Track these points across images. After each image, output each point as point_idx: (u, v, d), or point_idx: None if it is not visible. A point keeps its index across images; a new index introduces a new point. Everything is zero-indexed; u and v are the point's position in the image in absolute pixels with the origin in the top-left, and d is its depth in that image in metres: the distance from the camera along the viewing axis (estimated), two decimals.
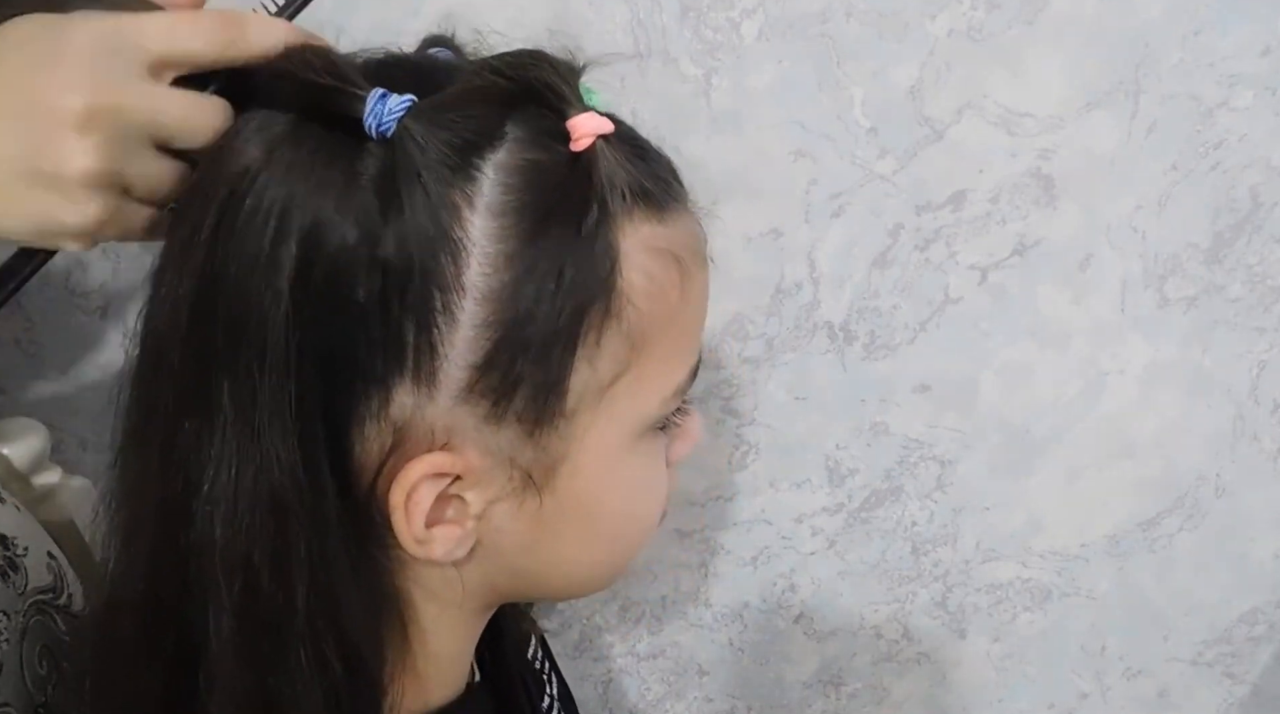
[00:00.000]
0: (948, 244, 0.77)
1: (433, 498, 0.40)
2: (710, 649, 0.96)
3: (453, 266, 0.37)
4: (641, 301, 0.40)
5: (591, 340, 0.39)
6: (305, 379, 0.37)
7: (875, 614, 0.94)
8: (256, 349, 0.37)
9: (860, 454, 0.86)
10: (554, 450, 0.41)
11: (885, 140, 0.73)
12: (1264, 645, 0.98)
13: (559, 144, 0.39)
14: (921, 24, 0.69)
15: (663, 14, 0.67)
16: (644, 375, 0.41)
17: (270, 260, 0.36)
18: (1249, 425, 0.87)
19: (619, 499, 0.44)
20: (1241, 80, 0.73)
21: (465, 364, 0.38)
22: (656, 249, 0.41)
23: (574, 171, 0.39)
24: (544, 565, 0.45)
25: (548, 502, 0.42)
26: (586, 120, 0.39)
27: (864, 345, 0.81)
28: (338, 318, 0.37)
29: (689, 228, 0.43)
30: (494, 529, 0.42)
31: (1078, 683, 1.00)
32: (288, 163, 0.37)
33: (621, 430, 0.42)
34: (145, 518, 0.40)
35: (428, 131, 0.37)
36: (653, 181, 0.41)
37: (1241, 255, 0.79)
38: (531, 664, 0.61)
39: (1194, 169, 0.76)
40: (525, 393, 0.39)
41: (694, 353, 0.45)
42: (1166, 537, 0.92)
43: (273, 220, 0.36)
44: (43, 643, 0.51)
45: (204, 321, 0.38)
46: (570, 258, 0.38)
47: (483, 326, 0.38)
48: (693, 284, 0.43)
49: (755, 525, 0.89)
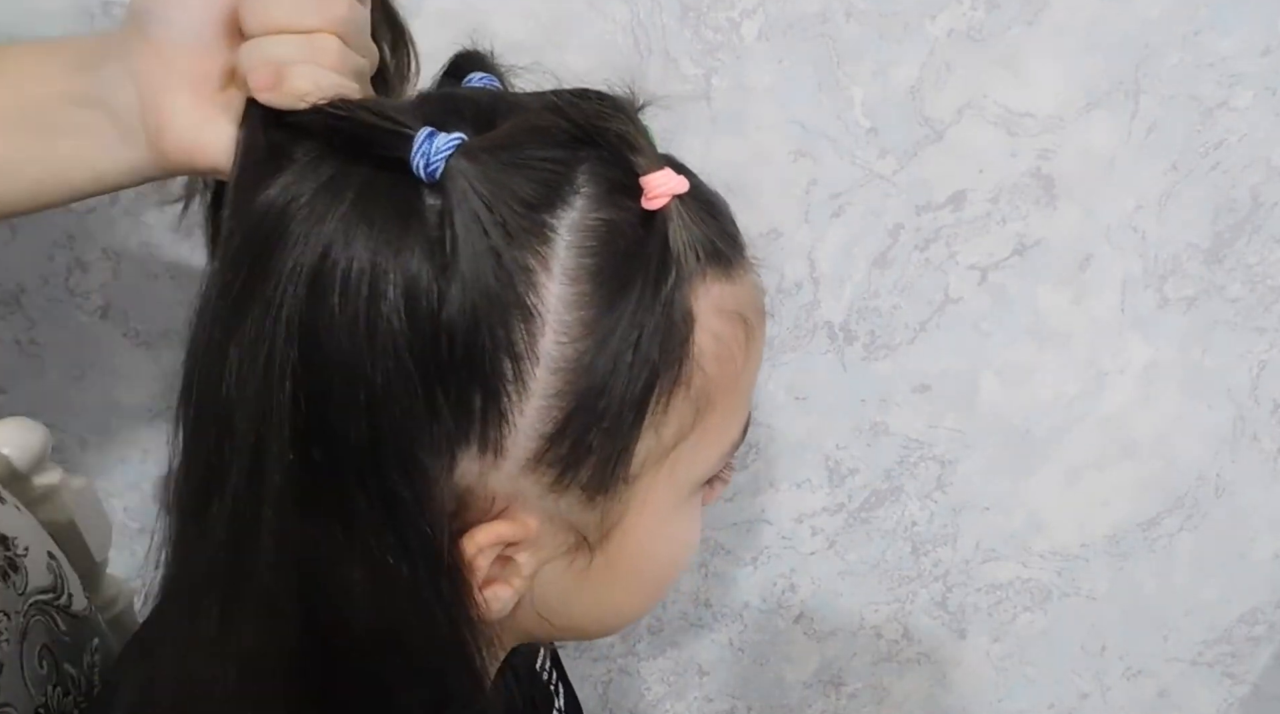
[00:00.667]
0: (948, 244, 0.77)
1: (490, 563, 0.39)
2: (710, 649, 0.96)
3: (526, 335, 0.35)
4: (710, 365, 0.39)
5: (660, 407, 0.38)
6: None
7: (875, 614, 0.94)
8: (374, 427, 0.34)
9: (860, 454, 0.86)
10: (613, 514, 0.40)
11: (885, 140, 0.73)
12: (1264, 645, 0.99)
13: (630, 201, 0.37)
14: (921, 24, 0.69)
15: (663, 14, 0.67)
16: (705, 437, 0.40)
17: (372, 326, 0.33)
18: (1249, 425, 0.87)
19: (666, 553, 0.43)
20: (1241, 80, 0.73)
21: (535, 434, 0.37)
22: (725, 310, 0.39)
23: (649, 233, 0.36)
24: (584, 614, 0.44)
25: (598, 559, 0.41)
26: (663, 179, 0.36)
27: (864, 345, 0.81)
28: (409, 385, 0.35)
29: (753, 283, 0.42)
30: (540, 584, 0.41)
31: (1078, 683, 1.00)
32: (350, 213, 0.34)
33: (678, 490, 0.41)
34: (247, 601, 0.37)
35: (488, 177, 0.34)
36: (722, 239, 0.40)
37: (1241, 255, 0.79)
38: (539, 677, 0.61)
39: (1194, 169, 0.76)
40: (592, 462, 0.38)
41: (748, 408, 0.44)
42: (1166, 537, 0.92)
43: (364, 286, 0.33)
44: (43, 643, 0.51)
45: (316, 404, 0.34)
46: (648, 325, 0.36)
47: (555, 396, 0.36)
48: (755, 343, 0.42)
49: (755, 525, 0.89)
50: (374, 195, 0.34)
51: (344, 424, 0.34)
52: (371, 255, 0.33)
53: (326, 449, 0.35)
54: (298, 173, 0.35)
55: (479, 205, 0.34)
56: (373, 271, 0.33)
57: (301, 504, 0.36)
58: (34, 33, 0.63)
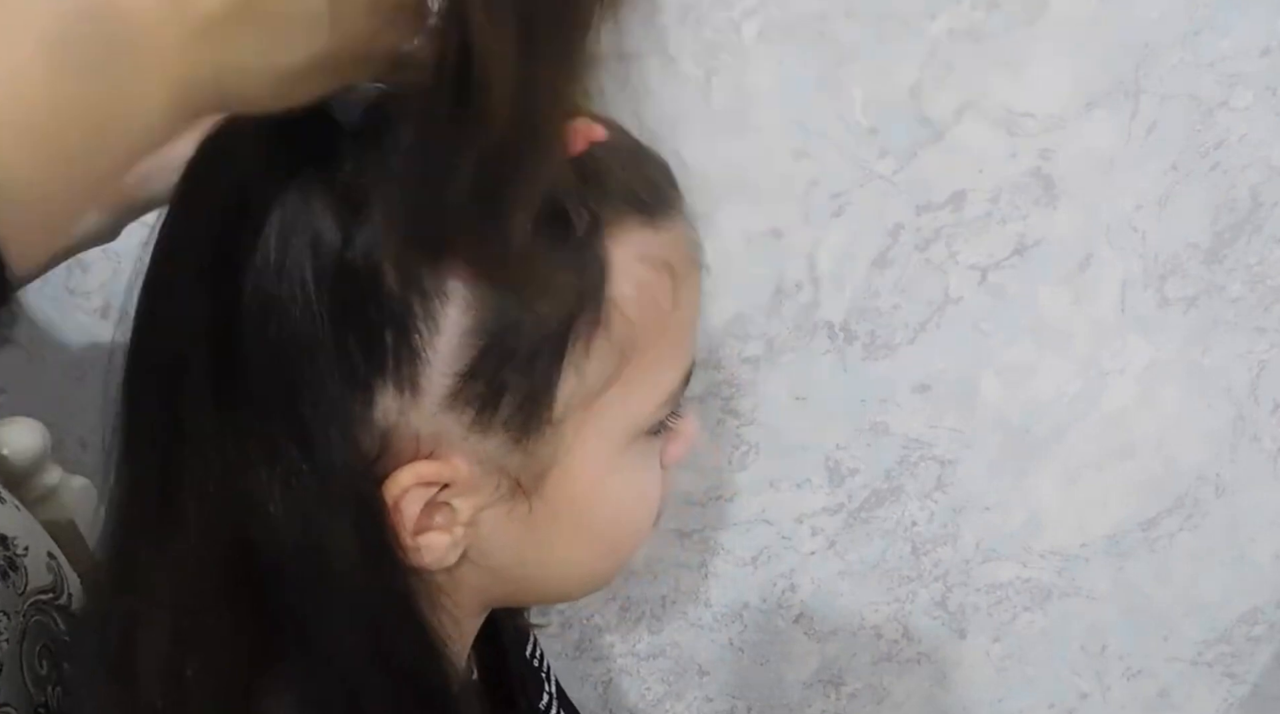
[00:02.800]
0: (948, 244, 0.77)
1: (420, 506, 0.39)
2: (710, 649, 0.96)
3: (434, 274, 0.36)
4: (631, 311, 0.39)
5: (579, 349, 0.38)
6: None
7: (875, 614, 0.94)
8: (307, 362, 0.36)
9: (860, 454, 0.86)
10: (542, 457, 0.40)
11: (885, 140, 0.73)
12: (1264, 645, 0.98)
13: None
14: (921, 24, 0.69)
15: (663, 14, 0.67)
16: (634, 383, 0.41)
17: (280, 261, 0.35)
18: (1249, 425, 0.87)
19: (610, 504, 0.44)
20: (1241, 80, 0.73)
21: (449, 371, 0.37)
22: (648, 257, 0.40)
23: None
24: (537, 569, 0.44)
25: (538, 507, 0.41)
26: (578, 126, 0.38)
27: (864, 345, 0.81)
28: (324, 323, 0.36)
29: (682, 234, 0.42)
30: (484, 535, 0.42)
31: (1078, 683, 1.00)
32: (270, 162, 0.36)
33: (612, 437, 0.42)
34: (188, 529, 0.39)
35: (405, 125, 0.35)
36: (646, 188, 0.40)
37: (1241, 255, 0.79)
38: (530, 662, 0.61)
39: (1194, 169, 0.76)
40: (511, 401, 0.38)
41: (687, 358, 0.44)
42: (1166, 537, 0.92)
43: (277, 219, 0.35)
44: (43, 643, 0.51)
45: (252, 344, 0.36)
46: (559, 267, 0.37)
47: (466, 333, 0.37)
48: (684, 291, 0.42)
49: (755, 525, 0.89)
50: (296, 136, 0.35)
51: (256, 356, 0.36)
52: (285, 191, 0.35)
53: (242, 382, 0.36)
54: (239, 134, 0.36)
55: (390, 147, 0.35)
56: (286, 207, 0.35)
57: (221, 436, 0.37)
58: None
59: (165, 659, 0.39)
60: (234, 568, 0.38)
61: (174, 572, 0.39)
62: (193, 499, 0.38)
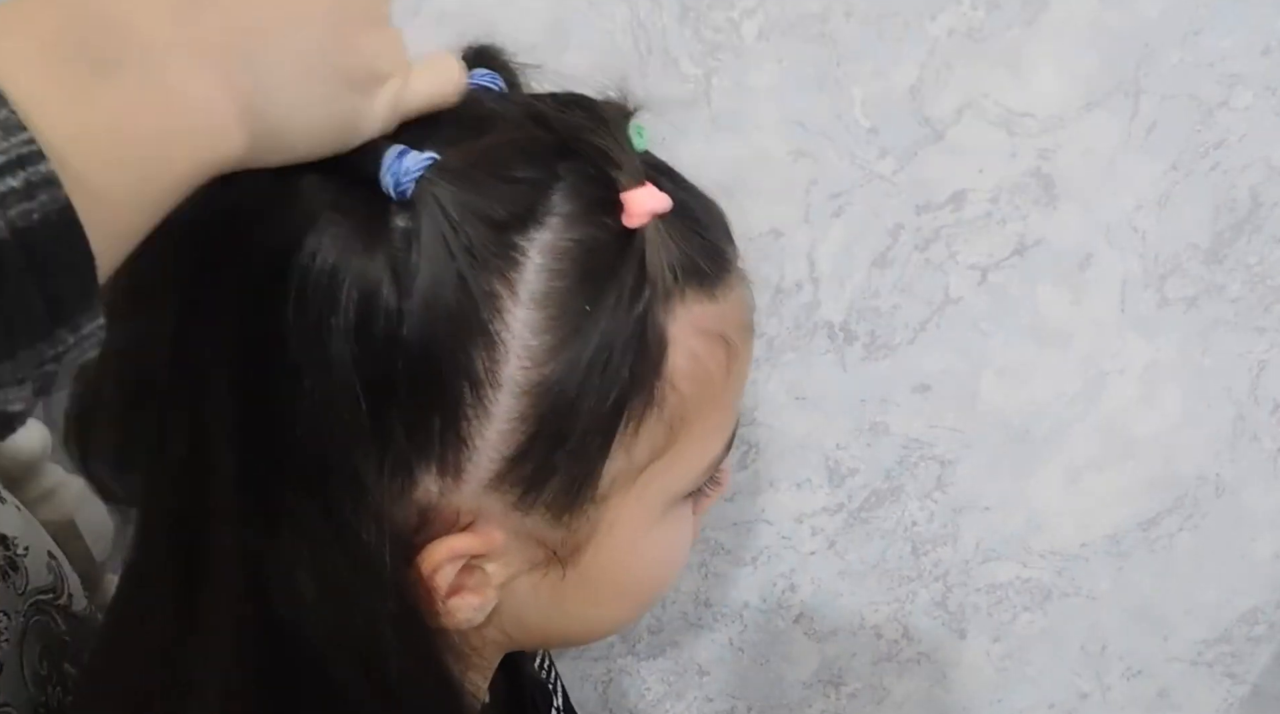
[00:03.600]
0: (948, 244, 0.77)
1: (454, 574, 0.38)
2: (710, 649, 0.96)
3: (488, 362, 0.34)
4: (685, 386, 0.38)
5: (630, 429, 0.37)
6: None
7: (875, 614, 0.94)
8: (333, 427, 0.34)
9: (860, 454, 0.86)
10: (582, 531, 0.39)
11: (885, 140, 0.73)
12: (1264, 645, 0.98)
13: (609, 218, 0.35)
14: (921, 24, 0.69)
15: (663, 14, 0.67)
16: (681, 454, 0.39)
17: (327, 332, 0.33)
18: (1249, 425, 0.87)
19: (645, 566, 0.43)
20: (1241, 80, 0.73)
21: (497, 456, 0.36)
22: (706, 330, 0.38)
23: (624, 252, 0.35)
24: (565, 622, 0.43)
25: (572, 573, 0.40)
26: (644, 198, 0.35)
27: (864, 345, 0.81)
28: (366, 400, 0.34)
29: (739, 299, 0.41)
30: (515, 596, 0.41)
31: (1078, 683, 1.00)
32: (315, 223, 0.33)
33: (652, 506, 0.40)
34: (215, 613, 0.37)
35: (458, 198, 0.33)
36: (706, 258, 0.38)
37: (1241, 255, 0.79)
38: (537, 675, 0.61)
39: (1194, 169, 0.76)
40: (557, 483, 0.37)
41: (734, 422, 0.42)
42: (1166, 537, 0.92)
43: (320, 294, 0.32)
44: (43, 643, 0.51)
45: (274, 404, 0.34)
46: (616, 349, 0.35)
47: (518, 420, 0.35)
48: (738, 361, 0.40)
49: (755, 525, 0.89)
50: (346, 208, 0.33)
51: (285, 435, 0.34)
52: (333, 267, 0.32)
53: (267, 456, 0.34)
54: (270, 180, 0.33)
55: (446, 228, 0.33)
56: (331, 282, 0.32)
57: (244, 508, 0.35)
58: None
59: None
60: (259, 641, 0.37)
61: (197, 649, 0.37)
62: (218, 576, 0.36)
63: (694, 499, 0.44)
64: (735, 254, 0.41)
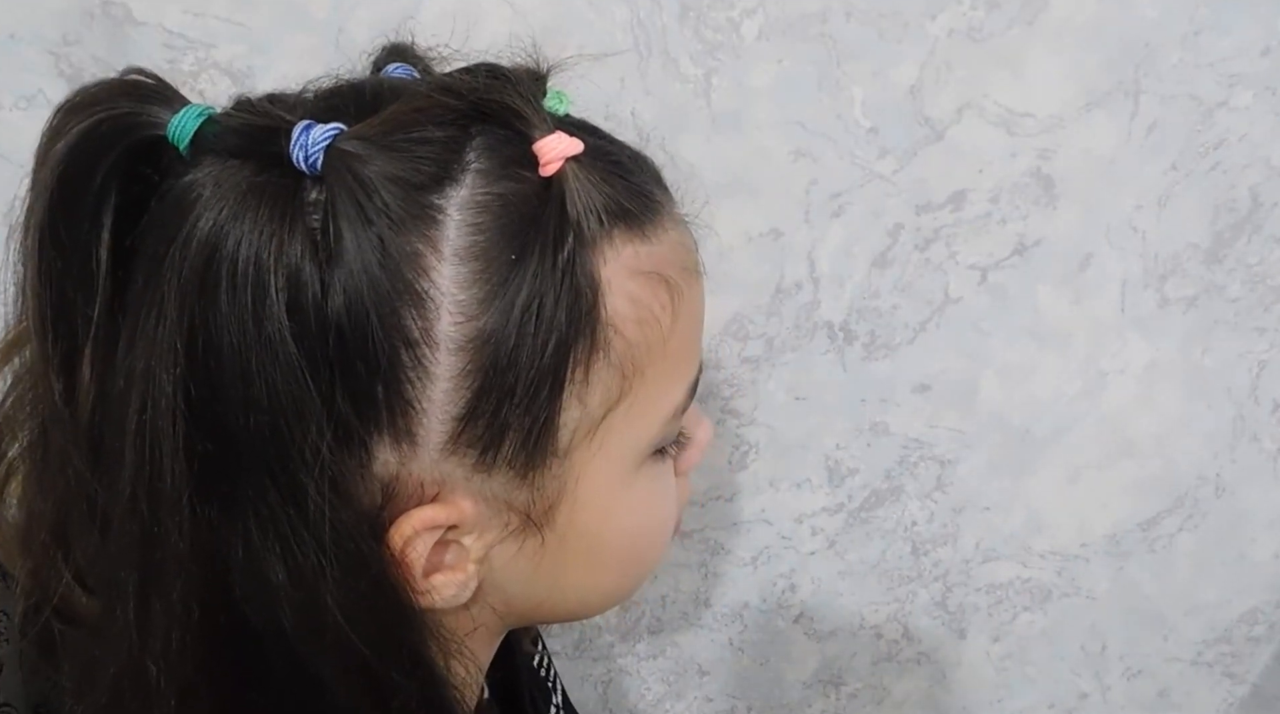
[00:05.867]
0: (948, 244, 0.77)
1: (427, 549, 0.38)
2: (710, 649, 0.96)
3: (420, 321, 0.34)
4: (629, 329, 0.38)
5: (579, 376, 0.37)
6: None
7: (875, 614, 0.94)
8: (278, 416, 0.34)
9: (860, 454, 0.86)
10: (550, 490, 0.39)
11: (885, 140, 0.73)
12: (1264, 645, 0.98)
13: (526, 170, 0.36)
14: (921, 24, 0.69)
15: (663, 14, 0.67)
16: (639, 402, 0.39)
17: (259, 320, 0.33)
18: (1249, 425, 0.87)
19: (625, 525, 0.42)
20: (1241, 80, 0.73)
21: (446, 417, 0.36)
22: (641, 272, 0.38)
23: (544, 200, 0.36)
24: (554, 595, 0.43)
25: (550, 539, 0.40)
26: (554, 142, 0.36)
27: (864, 345, 0.81)
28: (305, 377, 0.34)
29: (677, 241, 0.40)
30: (497, 570, 0.40)
31: (1078, 683, 1.00)
32: (234, 211, 0.33)
33: (620, 460, 0.40)
34: (175, 602, 0.37)
35: (369, 164, 0.34)
36: (632, 198, 0.38)
37: (1241, 255, 0.79)
38: (537, 673, 0.61)
39: (1194, 169, 0.76)
40: (513, 439, 0.37)
41: (693, 369, 0.42)
42: (1166, 537, 0.92)
43: (249, 281, 0.33)
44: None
45: (215, 403, 0.34)
46: (548, 295, 0.35)
47: (460, 377, 0.35)
48: (684, 301, 0.40)
49: (755, 525, 0.89)
50: (258, 190, 0.34)
51: (237, 422, 0.34)
52: (255, 250, 0.33)
53: (221, 447, 0.34)
54: (205, 178, 0.34)
55: (360, 194, 0.33)
56: (256, 266, 0.33)
57: (202, 502, 0.35)
58: (35, 33, 0.63)
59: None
60: (226, 637, 0.37)
61: (162, 644, 0.37)
62: (177, 572, 0.36)
63: (670, 459, 0.43)
64: (668, 199, 0.41)
